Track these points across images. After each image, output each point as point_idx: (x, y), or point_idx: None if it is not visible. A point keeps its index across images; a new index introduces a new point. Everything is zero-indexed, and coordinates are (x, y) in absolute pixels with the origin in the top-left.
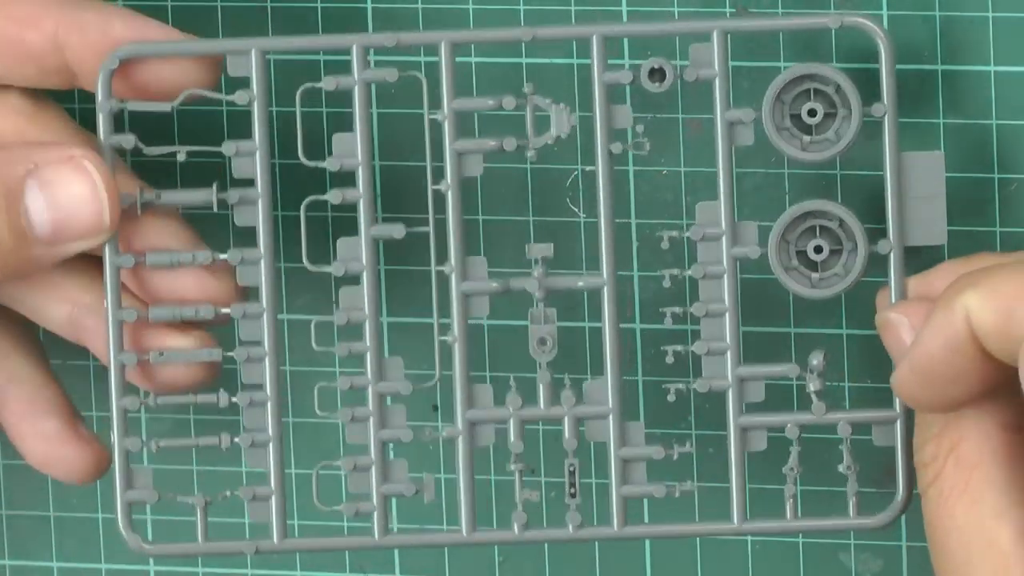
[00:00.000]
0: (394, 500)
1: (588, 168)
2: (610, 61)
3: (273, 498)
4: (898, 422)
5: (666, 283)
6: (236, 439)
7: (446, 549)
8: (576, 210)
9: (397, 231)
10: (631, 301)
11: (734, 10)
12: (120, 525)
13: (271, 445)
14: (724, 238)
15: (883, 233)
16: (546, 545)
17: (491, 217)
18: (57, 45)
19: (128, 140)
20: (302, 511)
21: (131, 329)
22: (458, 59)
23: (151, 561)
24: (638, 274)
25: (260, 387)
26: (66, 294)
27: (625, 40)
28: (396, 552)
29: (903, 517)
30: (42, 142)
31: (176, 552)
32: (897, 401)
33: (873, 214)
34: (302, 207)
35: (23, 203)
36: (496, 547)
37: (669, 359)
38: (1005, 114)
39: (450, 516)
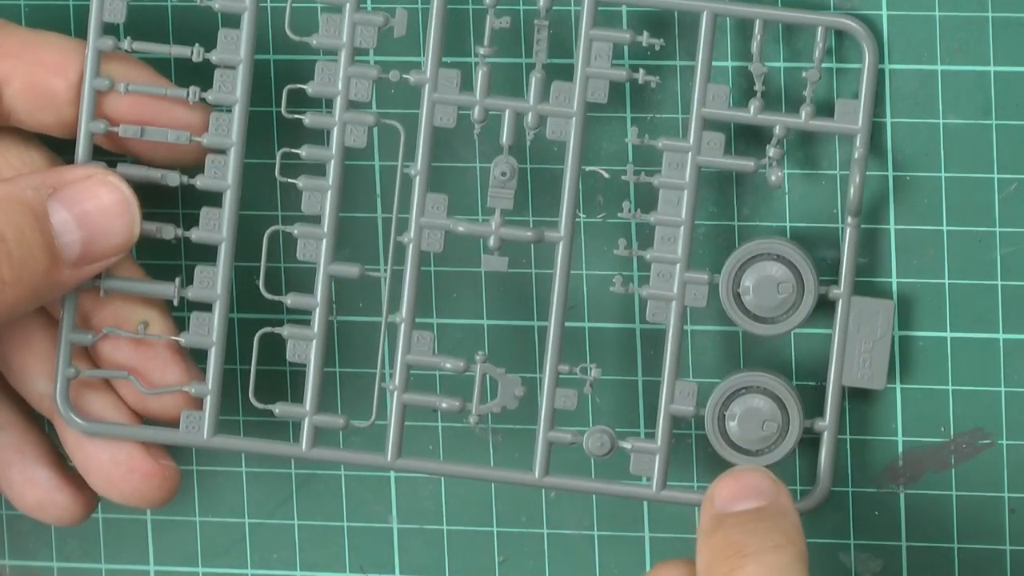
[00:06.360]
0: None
1: (589, 168)
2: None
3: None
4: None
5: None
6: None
7: (445, 548)
8: (576, 211)
9: (353, 271)
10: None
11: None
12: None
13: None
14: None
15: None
16: (546, 544)
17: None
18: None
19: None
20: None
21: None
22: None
23: (151, 561)
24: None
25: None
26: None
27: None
28: (396, 552)
29: (902, 517)
30: (54, 168)
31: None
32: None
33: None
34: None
35: (51, 226)
36: (495, 545)
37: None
38: (1005, 114)
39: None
